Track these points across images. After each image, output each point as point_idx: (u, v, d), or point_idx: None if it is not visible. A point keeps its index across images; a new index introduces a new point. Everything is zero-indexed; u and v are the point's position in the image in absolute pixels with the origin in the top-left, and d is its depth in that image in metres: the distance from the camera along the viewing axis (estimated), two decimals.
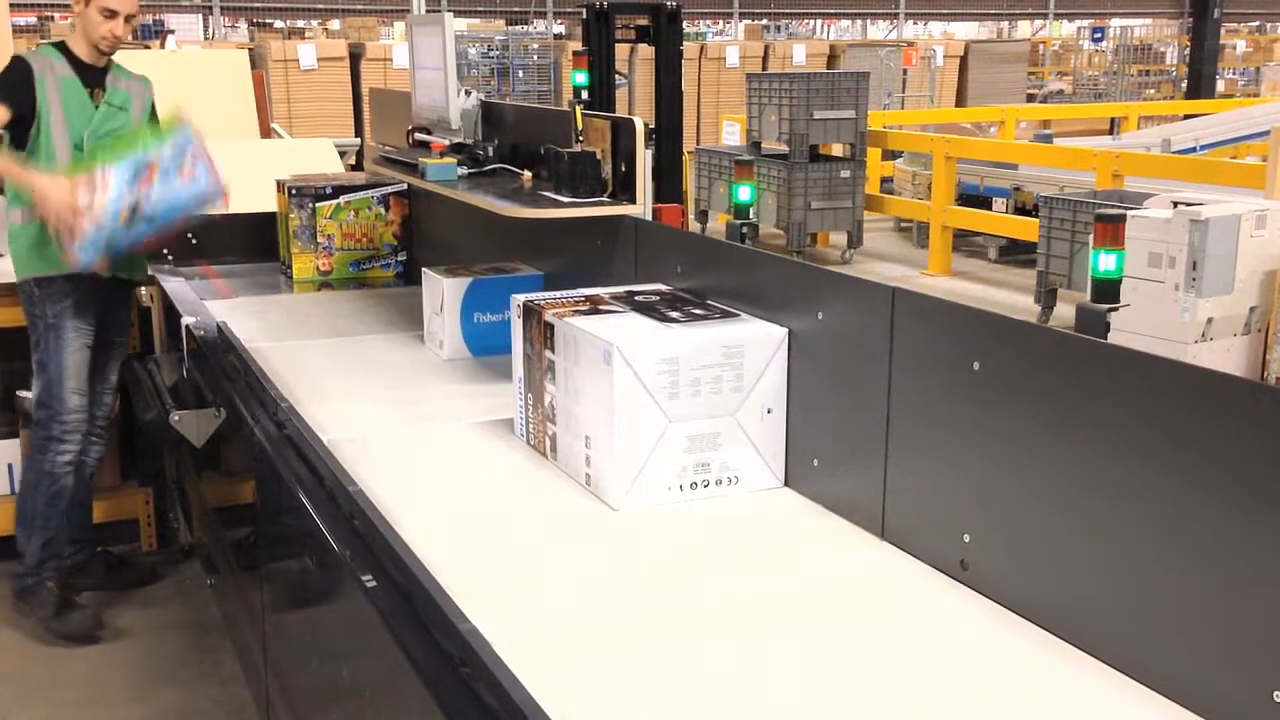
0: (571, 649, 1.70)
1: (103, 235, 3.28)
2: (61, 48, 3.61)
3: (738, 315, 2.26)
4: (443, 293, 3.14)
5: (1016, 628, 1.71)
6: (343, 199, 4.07)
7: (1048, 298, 7.74)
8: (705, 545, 2.03)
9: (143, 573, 4.07)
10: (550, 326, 2.30)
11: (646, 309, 2.31)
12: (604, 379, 2.10)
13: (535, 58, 15.01)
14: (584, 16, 8.60)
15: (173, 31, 16.16)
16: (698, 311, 2.29)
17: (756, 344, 2.16)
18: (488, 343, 3.17)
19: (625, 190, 2.85)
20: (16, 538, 3.72)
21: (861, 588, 1.87)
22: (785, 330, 2.16)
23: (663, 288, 2.50)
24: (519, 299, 2.45)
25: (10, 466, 4.14)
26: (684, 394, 2.11)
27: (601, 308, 2.32)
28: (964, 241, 10.14)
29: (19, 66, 3.53)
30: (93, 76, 3.61)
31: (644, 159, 2.86)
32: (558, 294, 2.45)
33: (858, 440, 2.01)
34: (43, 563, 3.68)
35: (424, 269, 3.30)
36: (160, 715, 3.29)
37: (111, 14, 3.52)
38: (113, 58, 3.68)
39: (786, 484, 2.22)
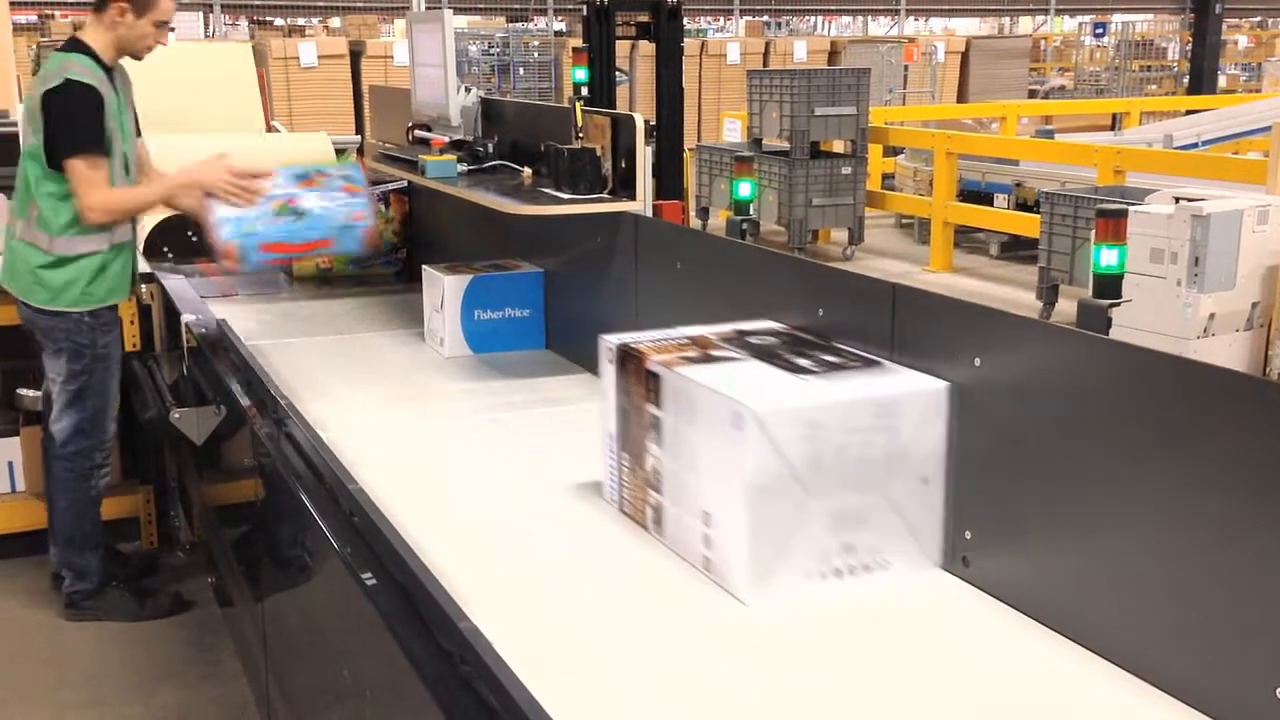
0: None
1: (248, 220, 3.26)
2: (90, 54, 3.42)
3: (880, 363, 1.89)
4: (443, 290, 3.14)
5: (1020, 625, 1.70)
6: None
7: (1049, 294, 7.73)
8: (850, 646, 1.68)
9: (142, 565, 4.07)
10: (656, 377, 1.93)
11: (767, 355, 1.96)
12: (732, 446, 1.74)
13: (536, 55, 14.99)
14: (584, 13, 8.58)
15: (173, 29, 16.13)
16: (830, 359, 1.93)
17: (913, 401, 1.79)
18: (488, 340, 3.17)
19: (625, 187, 2.85)
20: (65, 559, 3.71)
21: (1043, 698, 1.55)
22: (946, 385, 1.79)
23: (776, 325, 2.15)
24: (611, 342, 2.06)
25: (11, 465, 4.14)
26: (828, 463, 1.75)
27: (713, 353, 1.97)
28: (965, 238, 10.12)
29: (95, 103, 3.34)
30: (116, 80, 3.49)
31: (644, 156, 2.85)
32: (655, 335, 2.07)
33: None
34: (105, 571, 3.76)
35: (424, 266, 3.29)
36: (161, 715, 3.29)
37: (163, 24, 3.46)
38: None
39: (944, 567, 1.85)
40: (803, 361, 1.92)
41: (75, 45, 3.45)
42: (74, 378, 3.52)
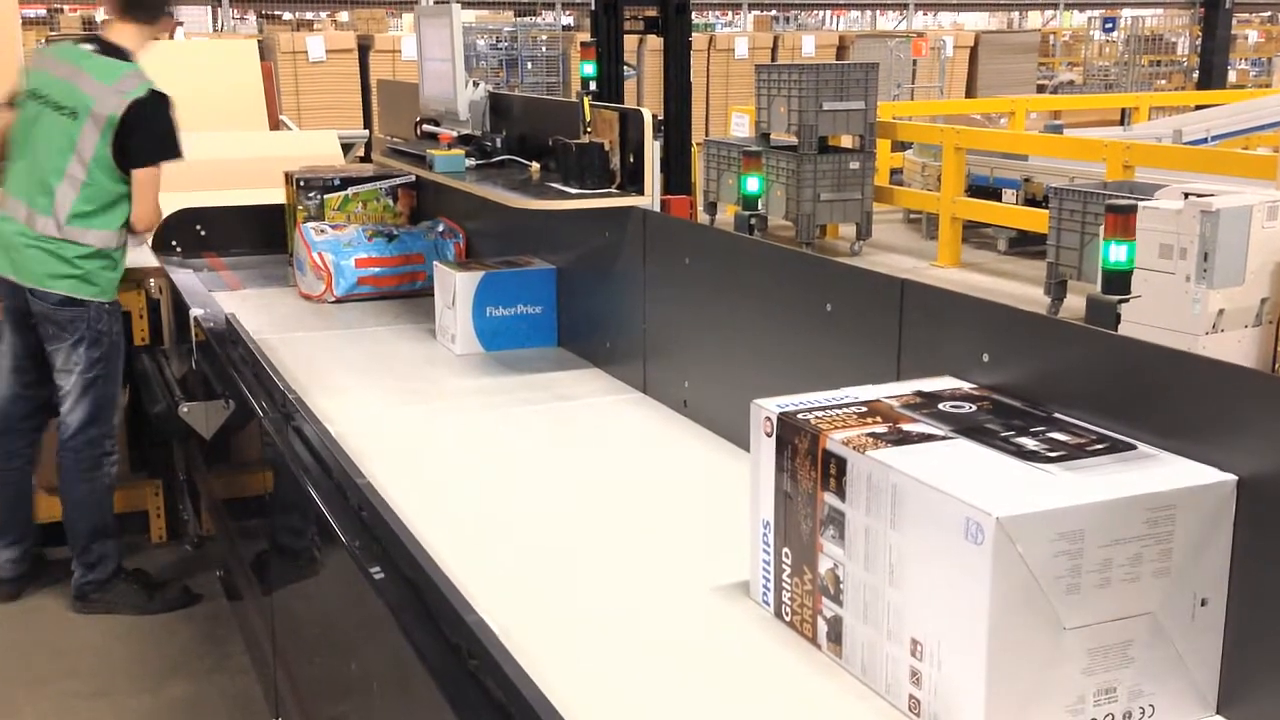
0: None
1: (344, 239, 3.74)
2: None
3: (1133, 446, 1.49)
4: (455, 287, 3.13)
5: None
6: (351, 190, 4.07)
7: (1058, 289, 7.72)
8: None
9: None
10: (840, 461, 1.53)
11: (975, 430, 1.56)
12: (962, 562, 1.36)
13: (544, 49, 14.98)
14: (593, 8, 8.58)
15: (181, 23, 16.16)
16: (1061, 437, 1.53)
17: (1194, 501, 1.40)
18: (500, 337, 3.17)
19: (633, 182, 2.85)
20: (82, 550, 3.73)
21: None
22: (1233, 478, 1.40)
23: (962, 384, 1.74)
24: (768, 409, 1.66)
25: None
26: (1087, 585, 1.38)
27: (905, 428, 1.57)
28: (973, 233, 10.11)
29: (174, 112, 3.55)
30: None
31: (652, 150, 2.85)
32: (819, 399, 1.68)
33: None
34: (120, 560, 3.80)
35: (435, 263, 3.30)
36: (169, 707, 3.30)
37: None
38: None
39: (1220, 711, 1.47)
40: (1028, 442, 1.51)
41: (124, 54, 3.52)
42: (93, 365, 3.59)
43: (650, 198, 2.82)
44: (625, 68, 8.90)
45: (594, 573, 1.91)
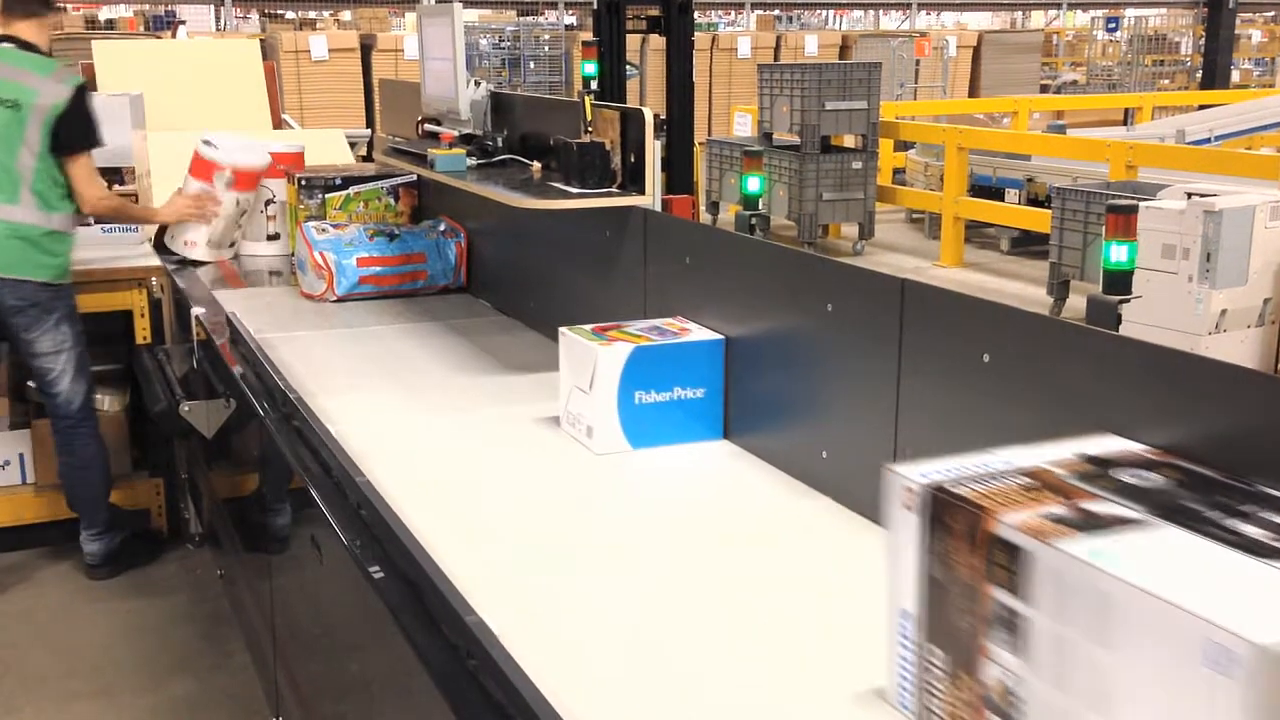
0: None
1: (345, 239, 3.71)
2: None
3: None
4: (595, 365, 2.39)
5: None
6: (352, 190, 4.07)
7: (1060, 289, 7.72)
8: None
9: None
10: (1013, 550, 1.25)
11: (1175, 510, 1.27)
12: (1203, 696, 1.07)
13: (546, 49, 14.97)
14: (595, 7, 8.58)
15: (184, 22, 16.17)
16: (1275, 518, 1.24)
17: None
18: (653, 430, 2.43)
19: (634, 181, 2.84)
20: (109, 518, 3.98)
21: None
22: None
23: (1128, 445, 1.47)
24: (910, 480, 1.37)
25: (21, 456, 4.15)
26: None
27: (1088, 506, 1.28)
28: (976, 233, 10.11)
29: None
30: None
31: (654, 150, 2.84)
32: (967, 464, 1.39)
33: None
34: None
35: (564, 330, 2.55)
36: (170, 706, 3.30)
37: None
38: None
39: None
40: (1247, 529, 1.22)
41: (40, 50, 3.77)
42: (78, 340, 3.85)
43: (651, 197, 2.81)
44: (627, 67, 8.90)
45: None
